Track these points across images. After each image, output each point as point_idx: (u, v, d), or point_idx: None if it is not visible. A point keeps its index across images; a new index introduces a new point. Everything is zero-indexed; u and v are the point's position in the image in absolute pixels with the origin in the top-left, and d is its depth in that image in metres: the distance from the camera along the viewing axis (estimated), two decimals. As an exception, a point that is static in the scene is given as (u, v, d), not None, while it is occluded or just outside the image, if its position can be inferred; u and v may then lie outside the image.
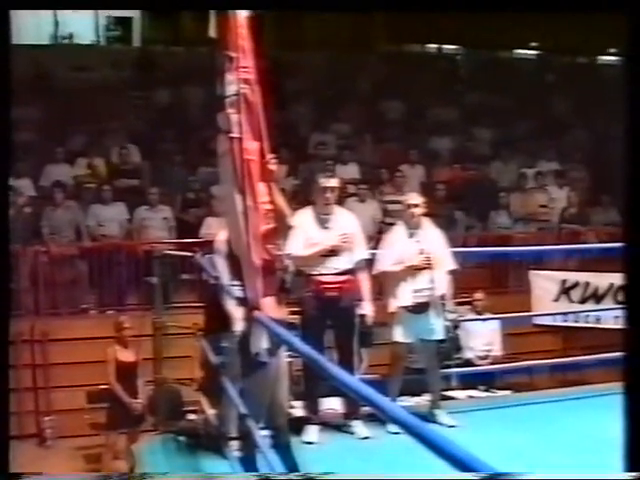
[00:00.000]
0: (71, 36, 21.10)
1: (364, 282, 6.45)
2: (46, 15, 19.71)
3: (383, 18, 18.87)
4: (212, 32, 4.58)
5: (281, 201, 4.98)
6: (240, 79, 4.46)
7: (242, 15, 4.45)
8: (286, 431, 5.45)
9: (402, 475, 4.57)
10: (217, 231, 6.01)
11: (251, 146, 4.51)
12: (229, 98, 4.50)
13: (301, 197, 10.19)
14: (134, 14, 21.50)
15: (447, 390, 8.12)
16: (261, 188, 4.60)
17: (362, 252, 6.49)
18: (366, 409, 5.92)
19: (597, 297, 11.48)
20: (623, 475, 2.75)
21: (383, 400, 2.39)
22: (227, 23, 4.46)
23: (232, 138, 4.49)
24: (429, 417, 6.60)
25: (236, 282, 4.94)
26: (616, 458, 2.91)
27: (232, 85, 4.49)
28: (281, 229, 5.01)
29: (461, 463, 1.85)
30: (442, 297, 6.62)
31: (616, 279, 10.67)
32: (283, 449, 5.21)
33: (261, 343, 4.67)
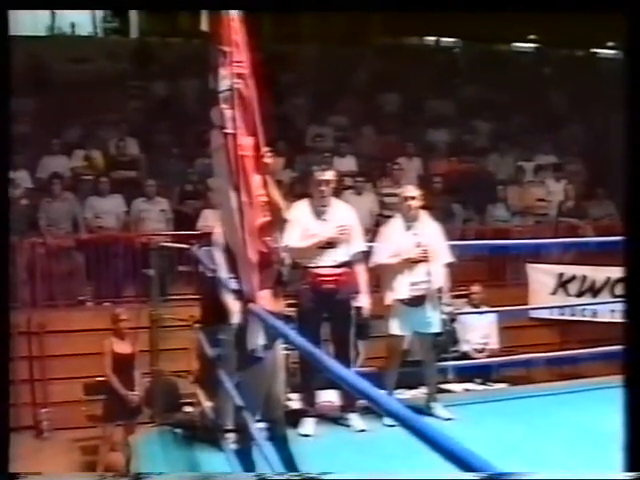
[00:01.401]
0: (71, 27, 21.05)
1: (361, 275, 6.45)
2: (43, 7, 19.64)
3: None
4: (205, 26, 4.56)
5: (276, 194, 4.97)
6: (234, 74, 4.44)
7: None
8: (283, 424, 5.45)
9: (400, 474, 4.57)
10: (214, 223, 6.00)
11: (245, 142, 4.49)
12: (222, 93, 4.48)
13: (298, 189, 10.19)
14: (131, 6, 21.45)
15: (443, 383, 8.14)
16: (256, 181, 4.59)
17: (359, 244, 6.49)
18: (362, 402, 5.92)
19: (594, 291, 11.49)
20: (623, 475, 2.75)
21: (378, 393, 2.39)
22: (220, 17, 4.44)
23: (226, 134, 4.47)
24: (425, 410, 6.61)
25: (233, 275, 4.94)
26: (612, 451, 2.91)
27: (226, 80, 4.47)
28: (276, 222, 5.01)
29: (455, 456, 1.85)
30: (439, 290, 6.62)
31: (613, 273, 10.69)
32: (279, 442, 5.21)
33: (257, 339, 4.66)
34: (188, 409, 7.22)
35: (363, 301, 6.40)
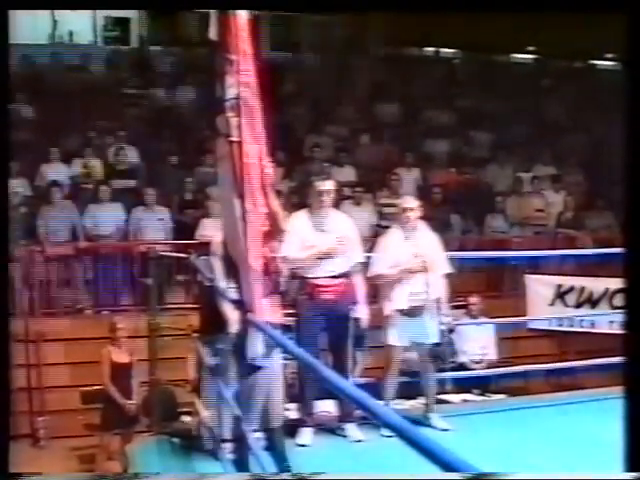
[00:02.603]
0: (69, 35, 21.10)
1: (359, 285, 6.45)
2: (43, 15, 19.70)
3: (380, 20, 18.87)
4: (212, 34, 4.56)
5: (275, 205, 4.96)
6: (240, 82, 4.44)
7: (243, 17, 4.43)
8: (281, 434, 5.43)
9: (395, 476, 4.57)
10: (213, 232, 6.00)
11: (251, 150, 4.49)
12: (229, 101, 4.48)
13: (297, 199, 10.19)
14: (132, 15, 21.52)
15: (441, 394, 8.12)
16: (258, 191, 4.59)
17: (357, 255, 6.50)
18: (360, 412, 5.91)
19: (592, 302, 11.47)
20: (623, 475, 2.75)
21: (375, 404, 2.39)
22: (228, 25, 4.44)
23: (232, 142, 4.47)
24: (423, 420, 6.61)
25: (232, 284, 4.93)
26: (607, 461, 2.91)
27: (232, 88, 4.47)
28: (275, 232, 5.00)
29: (451, 467, 1.85)
30: (437, 301, 6.62)
31: (611, 284, 10.68)
32: (277, 452, 5.20)
33: (256, 348, 4.66)
34: (186, 418, 7.21)
35: (361, 312, 6.41)
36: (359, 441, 6.35)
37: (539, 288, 11.80)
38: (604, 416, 4.06)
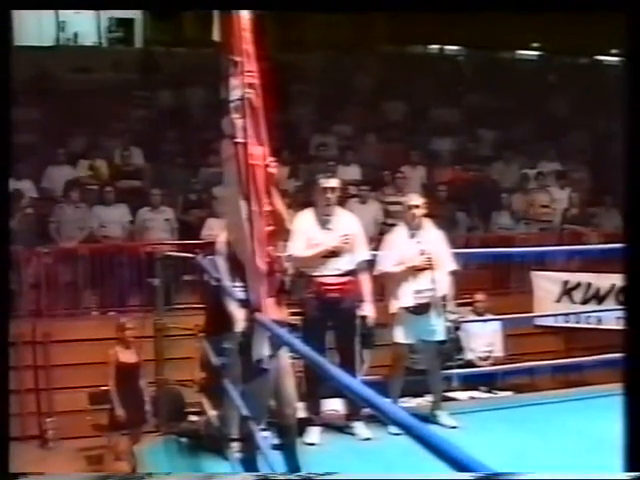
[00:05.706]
0: (74, 37, 21.13)
1: (365, 283, 6.45)
2: (48, 17, 19.75)
3: (384, 19, 18.87)
4: (216, 36, 4.56)
5: (280, 204, 4.97)
6: (245, 83, 4.44)
7: (245, 18, 4.43)
8: (294, 432, 5.41)
9: (402, 476, 4.57)
10: (219, 232, 6.01)
11: (256, 151, 4.50)
12: (233, 103, 4.49)
13: (302, 198, 10.19)
14: (136, 15, 21.54)
15: (448, 391, 8.13)
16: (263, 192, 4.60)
17: (363, 253, 6.50)
18: (367, 410, 5.91)
19: (599, 298, 11.46)
20: (623, 475, 2.75)
21: (383, 401, 2.39)
22: (231, 27, 4.44)
23: (237, 143, 4.47)
24: (430, 418, 6.61)
25: (237, 283, 4.94)
26: (617, 459, 2.91)
27: (236, 90, 4.47)
28: (280, 232, 5.01)
29: (461, 465, 1.85)
30: (443, 298, 6.62)
31: (618, 280, 10.65)
32: (288, 451, 5.20)
33: (263, 350, 4.66)
34: (193, 418, 7.22)
35: (368, 310, 6.40)
36: (367, 439, 6.36)
37: (545, 284, 11.79)
38: (611, 412, 4.05)
